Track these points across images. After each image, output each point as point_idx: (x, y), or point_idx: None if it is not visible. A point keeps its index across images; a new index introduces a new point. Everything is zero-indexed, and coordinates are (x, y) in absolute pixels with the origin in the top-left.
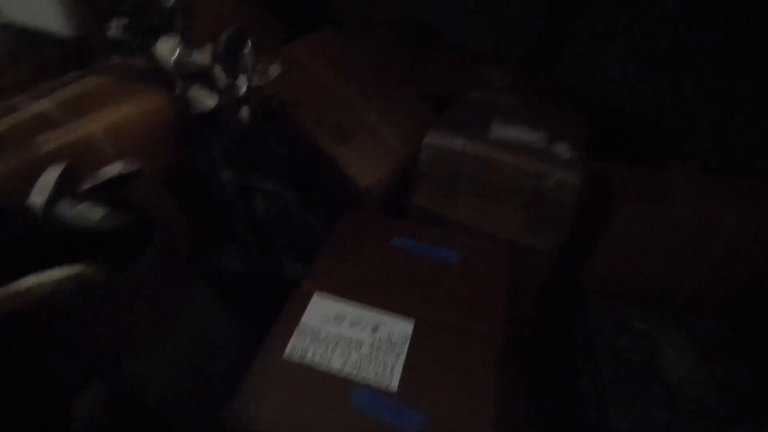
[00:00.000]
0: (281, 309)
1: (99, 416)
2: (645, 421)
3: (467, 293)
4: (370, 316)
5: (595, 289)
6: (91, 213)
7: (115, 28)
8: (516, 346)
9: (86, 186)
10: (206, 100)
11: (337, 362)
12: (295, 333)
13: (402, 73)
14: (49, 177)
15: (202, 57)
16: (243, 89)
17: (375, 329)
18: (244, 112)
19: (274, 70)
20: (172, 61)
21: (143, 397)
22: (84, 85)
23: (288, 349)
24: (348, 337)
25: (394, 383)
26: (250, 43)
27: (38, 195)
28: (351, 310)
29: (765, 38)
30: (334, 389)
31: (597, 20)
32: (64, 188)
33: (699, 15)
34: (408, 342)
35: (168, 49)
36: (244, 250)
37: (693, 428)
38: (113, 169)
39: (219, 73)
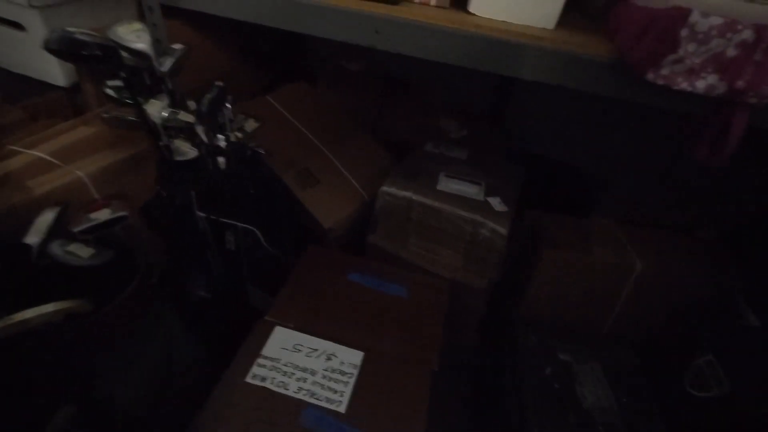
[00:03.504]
0: (245, 333)
1: None
2: None
3: (411, 324)
4: (325, 346)
5: (529, 322)
6: (81, 252)
7: (111, 88)
8: (460, 371)
9: (79, 228)
10: (188, 151)
11: (293, 387)
12: (257, 361)
13: (369, 120)
14: (44, 220)
15: (187, 117)
16: (222, 144)
17: (328, 359)
18: (221, 160)
19: (250, 125)
20: (160, 120)
21: (112, 414)
22: (78, 133)
23: (249, 375)
24: (304, 365)
25: (343, 406)
26: (230, 99)
27: (34, 236)
28: (308, 340)
29: (663, 122)
30: (288, 410)
31: (533, 91)
32: (57, 230)
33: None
34: (357, 370)
35: (158, 109)
36: (210, 279)
37: None
38: (103, 215)
39: (201, 131)
